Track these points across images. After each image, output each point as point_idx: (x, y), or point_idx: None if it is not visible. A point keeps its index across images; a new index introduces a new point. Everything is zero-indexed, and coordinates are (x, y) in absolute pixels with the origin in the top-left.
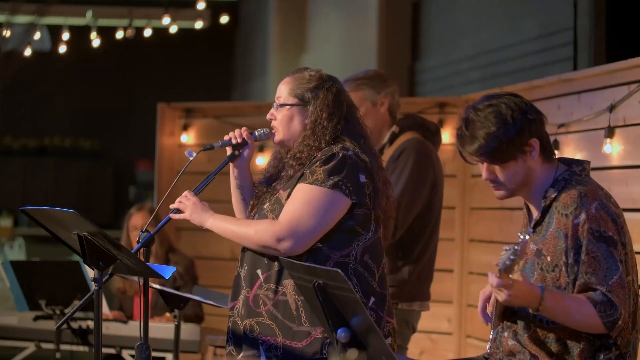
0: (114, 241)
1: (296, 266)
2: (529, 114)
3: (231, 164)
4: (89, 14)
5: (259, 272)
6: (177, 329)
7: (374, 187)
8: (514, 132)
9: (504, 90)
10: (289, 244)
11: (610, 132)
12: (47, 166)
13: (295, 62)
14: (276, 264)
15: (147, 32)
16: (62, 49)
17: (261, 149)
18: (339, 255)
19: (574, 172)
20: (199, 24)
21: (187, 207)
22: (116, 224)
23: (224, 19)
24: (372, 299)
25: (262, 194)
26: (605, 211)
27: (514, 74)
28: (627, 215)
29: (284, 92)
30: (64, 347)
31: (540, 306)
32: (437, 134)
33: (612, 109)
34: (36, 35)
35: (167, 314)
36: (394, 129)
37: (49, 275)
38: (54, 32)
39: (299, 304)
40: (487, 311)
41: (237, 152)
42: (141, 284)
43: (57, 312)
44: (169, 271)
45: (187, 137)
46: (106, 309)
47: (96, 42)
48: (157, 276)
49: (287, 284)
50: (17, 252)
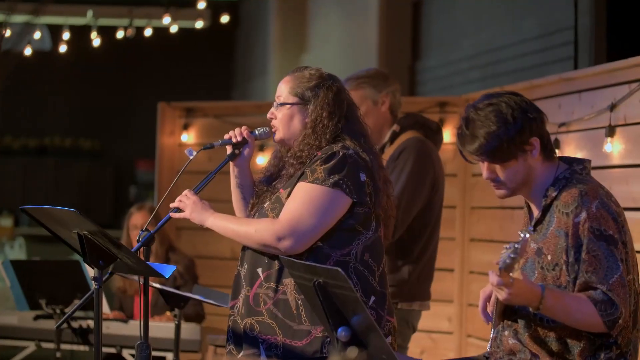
0: (114, 240)
1: (296, 265)
2: (530, 112)
3: (231, 163)
4: (90, 13)
5: (259, 270)
6: (178, 328)
7: (374, 185)
8: (515, 131)
9: (505, 89)
10: (289, 243)
11: (611, 131)
12: (48, 166)
13: (295, 62)
14: (276, 262)
15: (148, 32)
16: (63, 49)
17: (261, 149)
18: (339, 254)
19: (575, 171)
20: (199, 24)
21: (187, 206)
22: (116, 224)
23: (225, 19)
24: (373, 298)
25: (262, 192)
26: (606, 210)
27: (514, 73)
28: (627, 214)
29: (284, 91)
30: (64, 346)
31: (540, 305)
32: (439, 132)
33: (612, 108)
34: (36, 34)
35: (168, 313)
36: (395, 128)
37: (49, 274)
38: (54, 32)
39: (299, 302)
40: (488, 310)
41: (237, 151)
42: (141, 283)
43: (58, 311)
44: (169, 270)
45: (188, 137)
46: (106, 309)
47: (96, 41)
48: (157, 275)
49: (288, 282)
50: (17, 252)
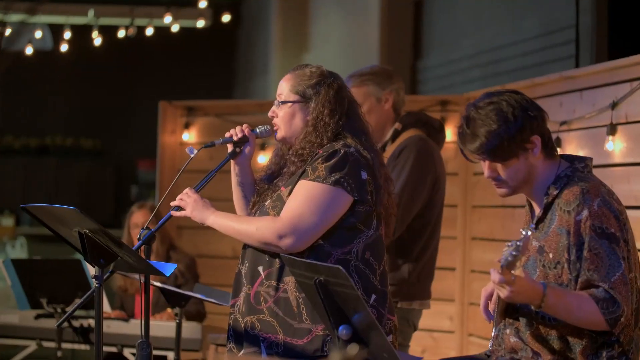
0: (115, 238)
1: (297, 263)
2: (530, 111)
3: (232, 161)
4: (91, 12)
5: (260, 269)
6: (179, 327)
7: (375, 184)
8: (515, 130)
9: (506, 87)
10: (290, 241)
11: (612, 129)
12: (48, 165)
13: (296, 61)
14: (277, 261)
15: (149, 31)
16: (64, 48)
17: (263, 147)
18: (340, 252)
19: (576, 169)
20: (200, 23)
21: (188, 204)
22: (117, 223)
23: (226, 18)
24: (374, 296)
25: (263, 190)
26: (607, 208)
27: (515, 72)
28: (629, 212)
29: (285, 89)
30: (65, 345)
31: (542, 303)
32: (442, 131)
33: (614, 106)
34: (37, 33)
35: (169, 309)
36: (397, 126)
37: (50, 273)
38: (56, 31)
39: (300, 301)
40: (490, 309)
41: (238, 149)
42: (142, 281)
43: (58, 310)
44: (170, 269)
45: (189, 136)
46: (107, 308)
47: (98, 40)
48: (158, 274)
49: (288, 281)
50: (18, 251)
